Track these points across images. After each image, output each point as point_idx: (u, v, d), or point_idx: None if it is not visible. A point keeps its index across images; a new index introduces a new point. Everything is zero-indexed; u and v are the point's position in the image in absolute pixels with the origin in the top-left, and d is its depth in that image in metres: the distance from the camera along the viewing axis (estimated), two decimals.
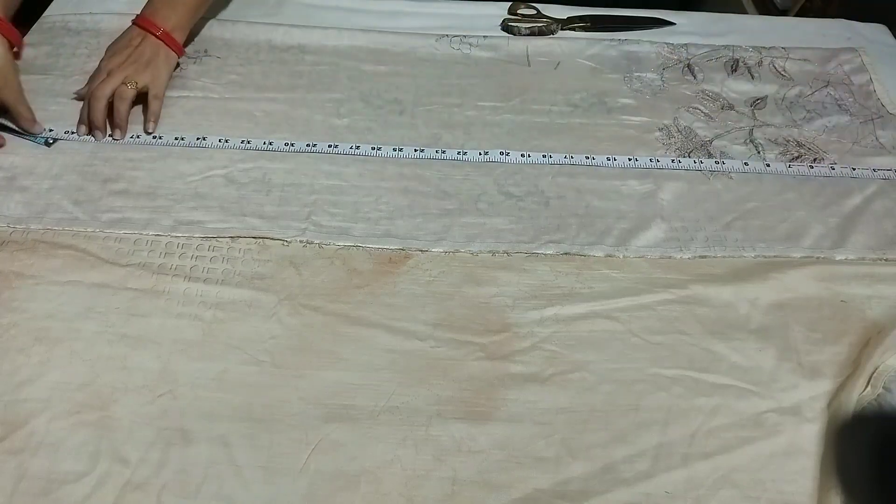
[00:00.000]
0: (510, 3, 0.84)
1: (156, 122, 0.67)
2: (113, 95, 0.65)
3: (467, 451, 0.48)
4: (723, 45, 0.82)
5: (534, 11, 0.83)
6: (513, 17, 0.83)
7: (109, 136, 0.66)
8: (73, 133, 0.66)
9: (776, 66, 0.80)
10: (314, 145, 0.67)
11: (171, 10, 0.68)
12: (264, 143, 0.67)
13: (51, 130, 0.66)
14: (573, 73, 0.77)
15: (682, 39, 0.83)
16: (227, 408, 0.49)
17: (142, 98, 0.67)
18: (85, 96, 0.66)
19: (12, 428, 0.47)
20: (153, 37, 0.67)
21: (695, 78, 0.78)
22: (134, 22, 0.69)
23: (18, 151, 0.64)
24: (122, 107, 0.65)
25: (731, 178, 0.68)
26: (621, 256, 0.60)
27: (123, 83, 0.65)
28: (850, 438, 0.50)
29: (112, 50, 0.68)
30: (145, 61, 0.67)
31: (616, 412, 0.51)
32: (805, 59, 0.81)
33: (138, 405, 0.49)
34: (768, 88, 0.77)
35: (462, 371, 0.52)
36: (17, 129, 0.65)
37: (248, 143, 0.66)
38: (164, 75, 0.68)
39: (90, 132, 0.66)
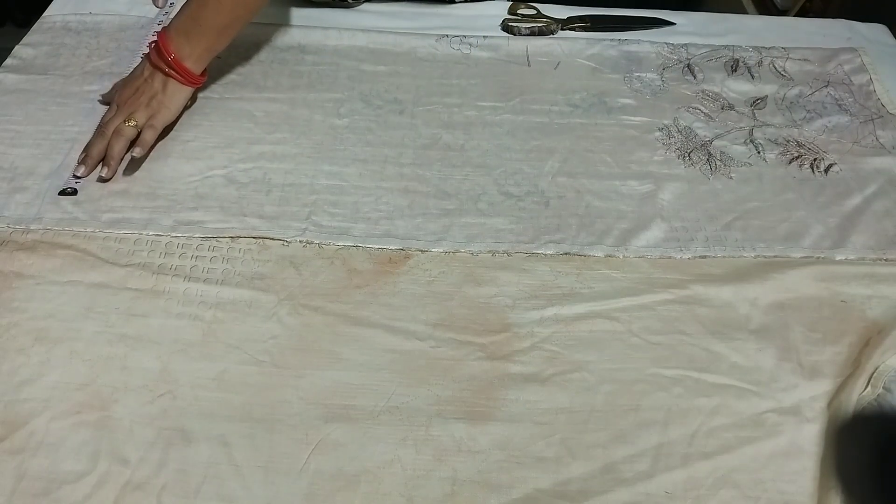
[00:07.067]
0: (510, 3, 0.84)
1: (143, 149, 0.62)
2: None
3: (467, 451, 0.48)
4: (723, 45, 0.82)
5: (534, 11, 0.83)
6: (513, 17, 0.83)
7: (100, 175, 0.62)
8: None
9: (776, 66, 0.80)
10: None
11: (185, 39, 0.63)
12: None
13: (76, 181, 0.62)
14: (573, 73, 0.77)
15: (682, 39, 0.83)
16: (226, 408, 0.49)
17: None
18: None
19: (12, 428, 0.47)
20: (160, 71, 0.64)
21: (695, 78, 0.78)
22: (151, 45, 0.66)
23: (18, 152, 0.64)
24: (116, 144, 0.62)
25: (731, 178, 0.68)
26: (621, 256, 0.60)
27: (125, 120, 0.63)
28: (850, 438, 0.50)
29: (125, 80, 0.67)
30: (150, 95, 0.64)
31: (616, 412, 0.51)
32: (805, 59, 0.81)
33: (138, 405, 0.49)
34: (768, 88, 0.77)
35: (462, 371, 0.52)
36: None
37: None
38: (171, 110, 0.65)
39: (83, 161, 0.62)
